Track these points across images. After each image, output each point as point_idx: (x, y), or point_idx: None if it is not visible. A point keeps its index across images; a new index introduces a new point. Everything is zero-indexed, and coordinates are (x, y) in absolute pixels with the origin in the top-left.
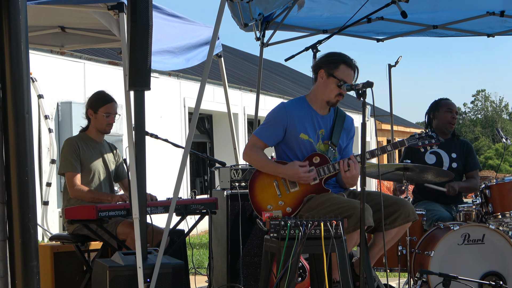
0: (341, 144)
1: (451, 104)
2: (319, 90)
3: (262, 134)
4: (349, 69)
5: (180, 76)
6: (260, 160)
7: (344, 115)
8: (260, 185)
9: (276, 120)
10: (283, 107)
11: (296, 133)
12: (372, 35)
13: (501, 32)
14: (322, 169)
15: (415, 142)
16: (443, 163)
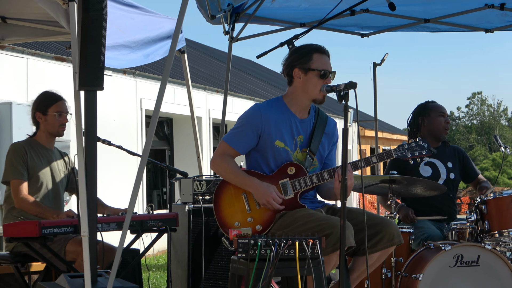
0: (321, 152)
1: (442, 108)
2: (299, 91)
3: (233, 140)
4: (323, 55)
5: (136, 74)
6: (231, 171)
7: (325, 118)
8: (226, 198)
9: (249, 125)
10: (258, 110)
11: (271, 140)
12: (355, 30)
13: (501, 27)
14: (297, 182)
15: (403, 153)
16: (440, 174)
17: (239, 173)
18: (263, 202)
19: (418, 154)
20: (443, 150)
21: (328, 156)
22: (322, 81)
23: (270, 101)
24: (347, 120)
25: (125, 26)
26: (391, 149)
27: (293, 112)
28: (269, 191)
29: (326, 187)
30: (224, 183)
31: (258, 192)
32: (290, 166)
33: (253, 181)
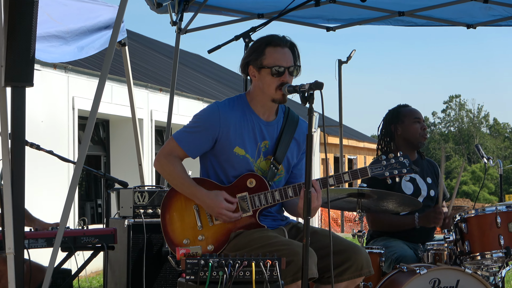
0: (289, 160)
1: (417, 112)
2: (258, 91)
3: (184, 140)
4: (277, 48)
5: (68, 69)
6: (176, 176)
7: (296, 120)
8: (176, 210)
9: (206, 126)
10: (216, 109)
11: (230, 146)
12: (320, 22)
13: (485, 22)
14: (257, 198)
15: (380, 171)
16: (420, 191)
17: (185, 180)
18: (215, 215)
19: (398, 173)
20: (420, 163)
21: (298, 165)
22: (277, 79)
23: (231, 99)
24: (311, 125)
25: (57, 14)
26: (367, 167)
27: (257, 114)
28: (218, 201)
29: (291, 202)
30: (174, 191)
31: (205, 204)
32: (250, 178)
33: (199, 191)
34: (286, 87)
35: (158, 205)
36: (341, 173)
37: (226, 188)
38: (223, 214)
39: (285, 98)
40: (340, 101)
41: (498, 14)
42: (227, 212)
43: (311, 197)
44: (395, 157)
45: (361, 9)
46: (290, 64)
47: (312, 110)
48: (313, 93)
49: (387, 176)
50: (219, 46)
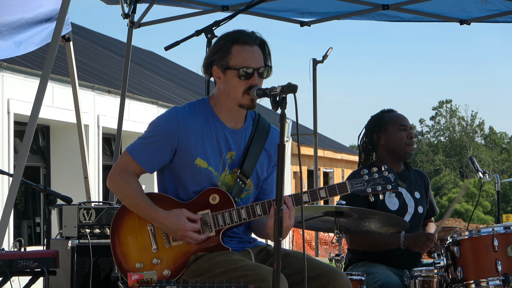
0: (259, 173)
1: (403, 118)
2: (222, 95)
3: (139, 153)
4: (245, 46)
5: (3, 67)
6: (132, 195)
7: (267, 128)
8: (128, 230)
9: (163, 135)
10: (175, 116)
11: (190, 158)
12: (293, 16)
13: (480, 18)
14: (221, 216)
15: (361, 187)
16: (407, 208)
17: (141, 201)
18: (179, 238)
19: (381, 190)
20: (407, 176)
21: (268, 179)
22: (244, 81)
23: (192, 104)
24: (284, 133)
25: None
26: (346, 181)
27: (221, 121)
28: (180, 223)
29: (260, 222)
30: (125, 210)
31: (166, 227)
32: (213, 194)
33: (157, 214)
34: (254, 90)
35: (106, 223)
36: (317, 188)
37: (185, 205)
38: (188, 236)
39: (254, 103)
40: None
41: (495, 9)
42: (193, 234)
43: (282, 216)
44: (378, 171)
45: (339, 1)
46: (260, 65)
47: (284, 116)
48: (285, 97)
49: (370, 193)
50: (178, 43)
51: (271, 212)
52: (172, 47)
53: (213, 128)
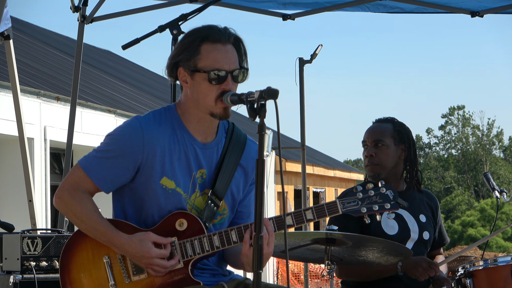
0: (234, 195)
1: (366, 132)
2: (189, 102)
3: (95, 169)
4: (217, 45)
5: None
6: (87, 217)
7: (243, 140)
8: (79, 264)
9: (124, 150)
10: (139, 127)
11: (155, 177)
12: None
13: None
14: (190, 245)
15: (355, 206)
16: (409, 233)
17: (99, 223)
18: (144, 267)
19: (378, 209)
20: (410, 196)
21: (244, 200)
22: (216, 86)
23: (157, 113)
24: (263, 146)
25: None
26: (337, 200)
27: (190, 133)
28: (145, 248)
29: (235, 250)
30: (78, 236)
31: (129, 254)
32: (180, 219)
33: (119, 238)
34: (228, 96)
35: (55, 255)
36: (302, 209)
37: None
38: (154, 264)
39: (227, 112)
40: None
41: None
42: (160, 261)
43: (262, 244)
44: (374, 187)
45: None
46: (234, 67)
47: (264, 126)
48: (264, 104)
49: (364, 213)
50: (138, 40)
51: (245, 236)
52: (131, 45)
53: (182, 142)
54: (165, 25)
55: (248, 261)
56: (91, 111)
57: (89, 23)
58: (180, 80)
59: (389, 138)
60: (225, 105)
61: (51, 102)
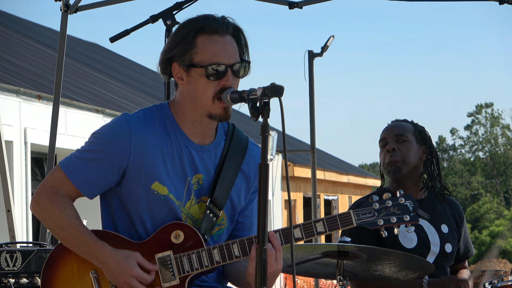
0: (234, 204)
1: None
2: (185, 101)
3: (77, 171)
4: (215, 36)
5: None
6: (66, 224)
7: (244, 143)
8: (63, 281)
9: (109, 150)
10: (126, 125)
11: (145, 181)
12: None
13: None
14: (187, 259)
15: (371, 218)
16: (429, 246)
17: (80, 231)
18: (119, 286)
19: (396, 221)
20: (432, 205)
21: (246, 210)
22: (215, 83)
23: (148, 111)
24: (266, 149)
25: None
26: (351, 211)
27: (186, 134)
28: (127, 266)
29: (237, 267)
30: (62, 250)
31: (108, 268)
32: (175, 230)
33: (102, 249)
34: (228, 93)
35: (37, 271)
36: (313, 221)
37: (140, 244)
38: (132, 284)
39: (227, 112)
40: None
41: None
42: (138, 284)
43: (266, 258)
44: (392, 197)
45: None
46: (234, 60)
47: (268, 127)
48: (268, 102)
49: (381, 226)
50: (127, 32)
51: (252, 253)
52: (120, 37)
53: (175, 143)
54: (157, 14)
55: (254, 280)
56: (77, 111)
57: (73, 12)
58: (175, 77)
59: (411, 135)
60: (224, 104)
61: (32, 101)
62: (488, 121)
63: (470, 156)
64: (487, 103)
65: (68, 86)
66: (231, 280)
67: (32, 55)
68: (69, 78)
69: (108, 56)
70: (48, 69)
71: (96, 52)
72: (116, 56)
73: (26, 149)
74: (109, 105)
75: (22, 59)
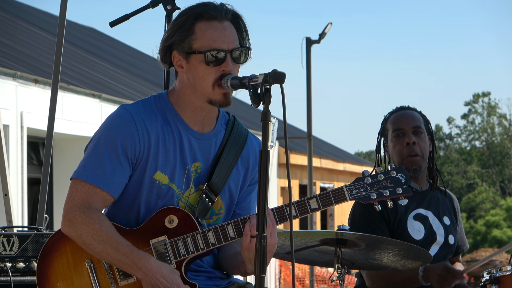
0: (232, 192)
1: (401, 119)
2: (186, 88)
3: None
4: (213, 22)
5: None
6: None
7: (244, 134)
8: (59, 271)
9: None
10: (129, 117)
11: (149, 172)
12: None
13: None
14: (182, 243)
15: (364, 192)
16: (435, 237)
17: (121, 243)
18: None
19: (390, 195)
20: (432, 196)
21: (244, 201)
22: (214, 68)
23: (147, 102)
24: (267, 136)
25: None
26: (344, 186)
27: (185, 122)
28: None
29: (230, 251)
30: (55, 240)
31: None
32: (169, 215)
33: (148, 259)
34: (228, 79)
35: (34, 256)
36: (306, 198)
37: (134, 231)
38: None
39: (228, 98)
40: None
41: None
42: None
43: (266, 245)
44: (384, 171)
45: None
46: (233, 46)
47: (269, 114)
48: (269, 89)
49: (375, 200)
50: (127, 17)
51: (245, 228)
52: (119, 22)
53: (176, 132)
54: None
55: (249, 256)
56: (73, 95)
57: None
58: (175, 65)
59: (423, 126)
60: (224, 90)
61: (29, 85)
62: (485, 110)
63: (467, 145)
64: (484, 92)
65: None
66: (225, 266)
67: (29, 39)
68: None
69: (105, 41)
70: (45, 53)
71: (92, 36)
72: (113, 41)
73: (23, 133)
74: (106, 90)
75: (19, 42)
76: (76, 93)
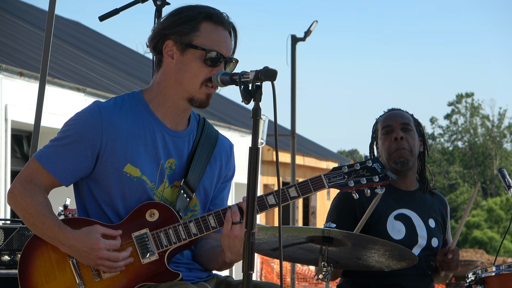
0: (206, 189)
1: (390, 117)
2: (170, 81)
3: (51, 159)
4: (219, 28)
5: None
6: (35, 210)
7: (215, 135)
8: (42, 264)
9: (81, 135)
10: (97, 111)
11: (118, 164)
12: None
13: None
14: (164, 234)
15: (341, 180)
16: (417, 239)
17: (47, 217)
18: (93, 264)
19: (366, 183)
20: (420, 197)
21: (217, 198)
22: (208, 69)
23: (120, 99)
24: (257, 133)
25: None
26: (321, 175)
27: (159, 119)
28: (92, 241)
29: (206, 246)
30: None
31: (76, 251)
32: (150, 209)
33: (64, 233)
34: (219, 75)
35: (18, 249)
36: (285, 187)
37: (116, 226)
38: (104, 257)
39: (209, 99)
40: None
41: None
42: (110, 253)
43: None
44: (361, 161)
45: None
46: (230, 55)
47: (259, 111)
48: (261, 86)
49: (352, 187)
50: (117, 11)
51: (227, 215)
52: (109, 16)
53: (148, 127)
54: None
55: (229, 243)
56: (58, 89)
57: None
58: (164, 53)
59: (413, 125)
60: (209, 91)
61: (14, 78)
62: (468, 110)
63: (449, 146)
64: (467, 93)
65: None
66: (202, 261)
67: (15, 32)
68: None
69: (90, 35)
70: (31, 46)
71: (77, 30)
72: (98, 35)
73: (7, 126)
74: (91, 84)
75: (4, 35)
76: (61, 86)
